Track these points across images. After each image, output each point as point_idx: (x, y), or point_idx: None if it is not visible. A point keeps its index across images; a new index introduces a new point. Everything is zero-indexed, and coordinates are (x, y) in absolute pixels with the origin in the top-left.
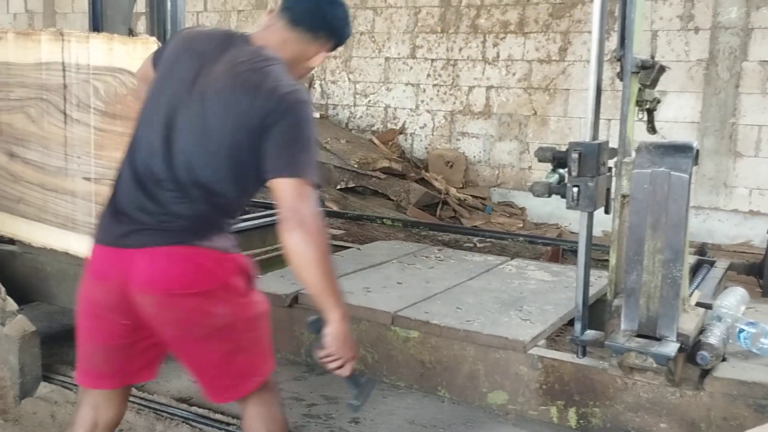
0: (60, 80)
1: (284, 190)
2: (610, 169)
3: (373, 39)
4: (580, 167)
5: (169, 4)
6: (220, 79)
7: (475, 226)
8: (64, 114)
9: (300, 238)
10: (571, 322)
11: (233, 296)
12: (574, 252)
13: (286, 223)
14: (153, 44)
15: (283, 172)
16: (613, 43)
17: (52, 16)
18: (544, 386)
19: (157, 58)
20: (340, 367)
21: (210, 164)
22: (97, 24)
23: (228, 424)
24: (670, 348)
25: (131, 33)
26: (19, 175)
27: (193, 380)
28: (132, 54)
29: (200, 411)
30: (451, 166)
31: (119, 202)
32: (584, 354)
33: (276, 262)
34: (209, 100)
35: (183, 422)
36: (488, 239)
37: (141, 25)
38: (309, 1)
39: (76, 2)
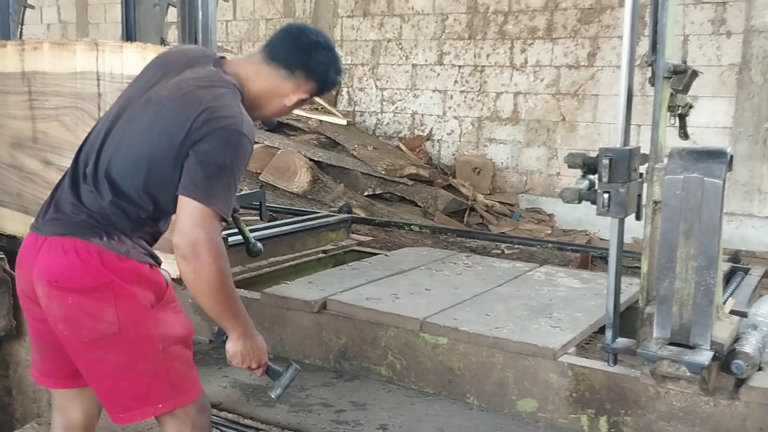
0: (94, 89)
1: (187, 211)
2: (641, 175)
3: (400, 46)
4: (611, 173)
5: (200, 13)
6: (169, 88)
7: (503, 233)
8: None
9: (191, 268)
10: (601, 330)
11: (125, 305)
12: (604, 259)
13: (178, 250)
14: None
15: (191, 193)
16: (642, 48)
17: (85, 26)
18: (574, 394)
19: None
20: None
21: (126, 165)
22: (130, 34)
23: (257, 429)
24: (704, 356)
25: (163, 42)
26: (55, 183)
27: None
28: None
29: (230, 416)
30: (479, 172)
31: (55, 190)
32: (615, 362)
33: (304, 268)
34: (149, 105)
35: (213, 427)
36: (516, 246)
37: (171, 34)
38: (293, 38)
39: (108, 12)
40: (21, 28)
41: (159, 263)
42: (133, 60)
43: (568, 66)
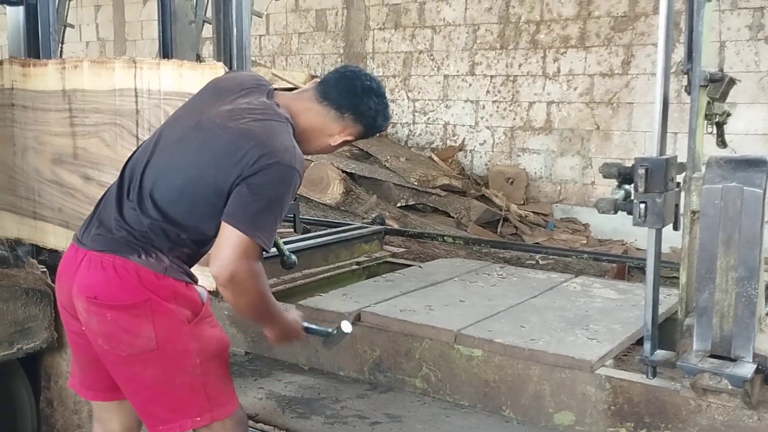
0: (132, 105)
1: (229, 240)
2: (678, 184)
3: (431, 57)
4: (647, 183)
5: (234, 29)
6: (221, 116)
7: (538, 243)
8: (137, 138)
9: (231, 293)
10: (639, 342)
11: (162, 321)
12: (641, 269)
13: (217, 279)
14: (220, 69)
15: (238, 224)
16: (678, 55)
17: (122, 43)
18: (612, 407)
19: None
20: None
21: (171, 188)
22: (167, 51)
23: None
24: (746, 369)
25: (199, 58)
26: (95, 198)
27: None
28: (200, 79)
29: (266, 428)
30: (512, 182)
31: (98, 204)
32: (654, 375)
33: (338, 280)
34: (199, 130)
35: None
36: (551, 256)
37: (206, 50)
38: (347, 81)
39: (145, 30)
40: (61, 47)
41: (195, 281)
42: (169, 76)
43: (601, 74)
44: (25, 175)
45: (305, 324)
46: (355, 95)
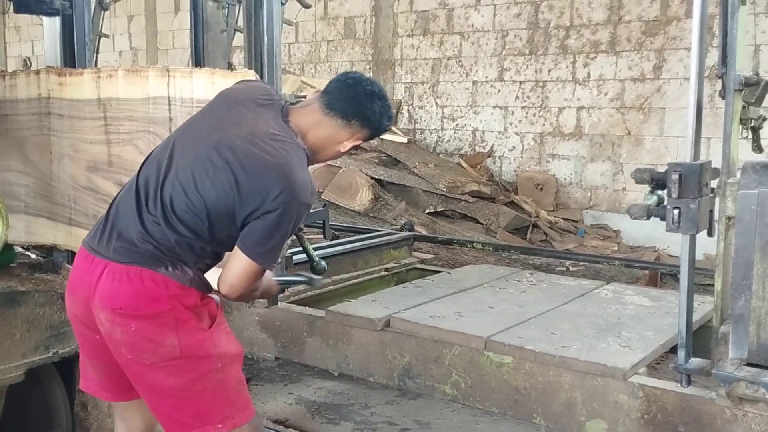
0: (166, 113)
1: (242, 267)
2: (712, 190)
3: (460, 63)
4: (681, 188)
5: (265, 38)
6: (243, 139)
7: (568, 250)
8: None
9: (227, 294)
10: (673, 350)
11: (184, 329)
12: (674, 276)
13: (228, 296)
14: (251, 76)
15: (248, 252)
16: (711, 59)
17: (154, 52)
18: (646, 416)
19: None
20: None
21: (194, 206)
22: (199, 59)
23: None
24: None
25: (230, 67)
26: None
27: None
28: None
29: None
30: (541, 188)
31: (112, 211)
32: (689, 383)
33: (367, 286)
34: (221, 150)
35: None
36: (582, 263)
37: (236, 58)
38: (349, 89)
39: (176, 39)
40: (96, 57)
41: (211, 290)
42: (202, 85)
43: (632, 79)
44: (61, 183)
45: (280, 279)
46: (360, 102)
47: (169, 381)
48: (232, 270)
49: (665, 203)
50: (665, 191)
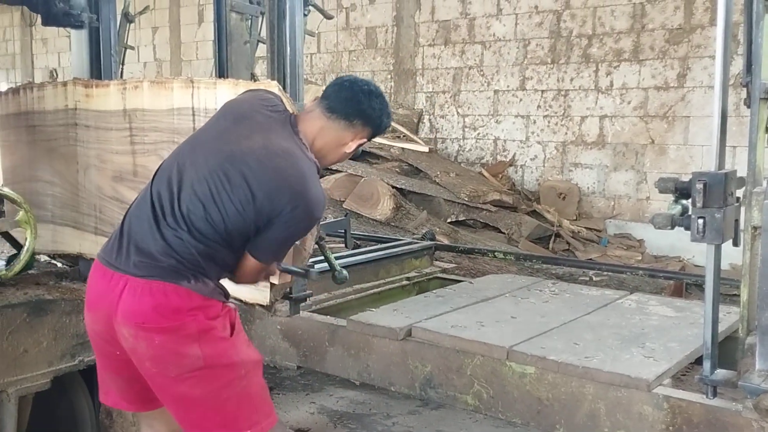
0: (190, 124)
1: (250, 266)
2: (738, 199)
3: (481, 72)
4: (706, 198)
5: (288, 49)
6: (256, 152)
7: (591, 259)
8: None
9: (237, 283)
10: (698, 361)
11: (207, 339)
12: (699, 286)
13: (237, 278)
14: (274, 87)
15: (259, 256)
16: (736, 67)
17: (178, 63)
18: (670, 428)
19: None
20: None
21: (214, 219)
22: (222, 70)
23: None
24: None
25: (253, 78)
26: None
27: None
28: None
29: None
30: (564, 197)
31: (127, 225)
32: (715, 395)
33: (388, 295)
34: (234, 163)
35: None
36: (605, 272)
37: (258, 68)
38: (346, 90)
39: (200, 50)
40: (122, 68)
41: (228, 298)
42: (226, 96)
43: (656, 87)
44: (88, 192)
45: (282, 266)
46: (359, 101)
47: (195, 391)
48: (243, 272)
49: (690, 213)
50: (690, 200)
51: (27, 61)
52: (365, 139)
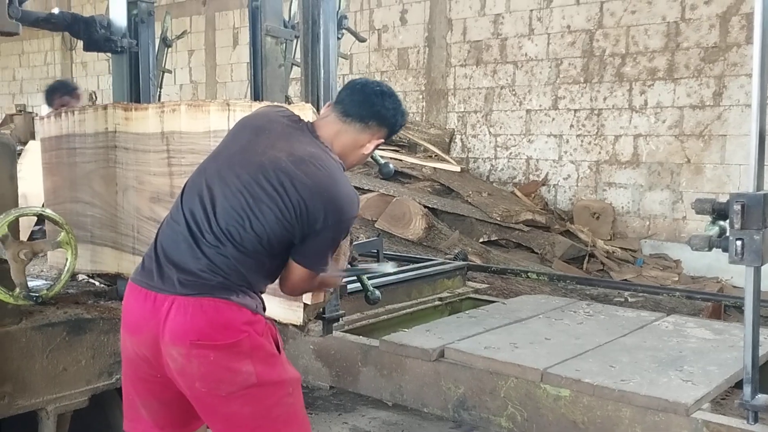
0: None
1: (298, 274)
2: None
3: (513, 92)
4: (744, 219)
5: (322, 72)
6: (285, 161)
7: (626, 280)
8: None
9: (289, 295)
10: (738, 385)
11: (259, 356)
12: (739, 308)
13: (284, 289)
14: (308, 110)
15: (305, 264)
16: None
17: (213, 85)
18: None
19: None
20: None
21: (258, 232)
22: (257, 93)
23: None
24: None
25: (288, 100)
26: None
27: None
28: None
29: None
30: (598, 217)
31: (160, 247)
32: (756, 420)
33: (420, 316)
34: (267, 173)
35: None
36: (641, 294)
37: (291, 90)
38: (359, 93)
39: (234, 72)
40: (160, 91)
41: (265, 311)
42: None
43: (691, 106)
44: (126, 213)
45: (350, 270)
46: (372, 103)
47: (245, 410)
48: (291, 277)
49: (727, 234)
50: (727, 221)
51: None
52: (382, 140)
